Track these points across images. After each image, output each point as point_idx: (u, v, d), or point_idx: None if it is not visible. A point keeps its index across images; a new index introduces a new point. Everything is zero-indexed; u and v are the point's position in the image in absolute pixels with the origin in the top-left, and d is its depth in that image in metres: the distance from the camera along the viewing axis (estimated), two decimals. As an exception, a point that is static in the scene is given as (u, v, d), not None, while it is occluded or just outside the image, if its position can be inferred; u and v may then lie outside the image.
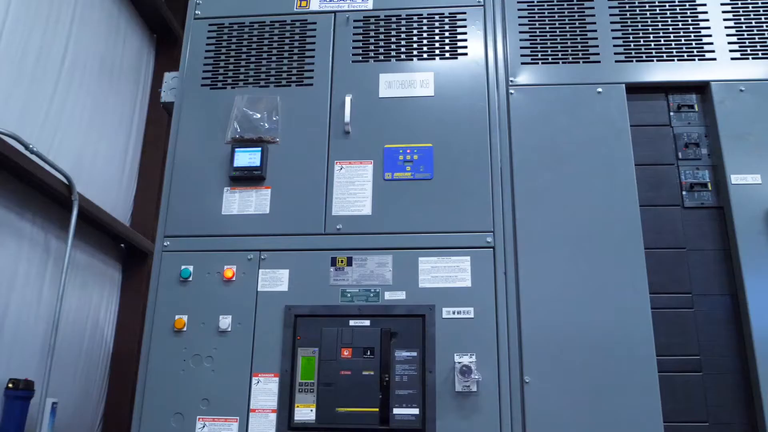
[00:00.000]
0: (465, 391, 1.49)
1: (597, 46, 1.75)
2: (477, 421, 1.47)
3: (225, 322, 1.58)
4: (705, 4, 1.79)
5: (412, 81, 1.75)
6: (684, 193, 1.66)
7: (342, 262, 1.62)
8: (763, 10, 1.79)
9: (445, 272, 1.58)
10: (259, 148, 1.71)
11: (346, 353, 1.54)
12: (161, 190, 1.84)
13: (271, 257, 1.62)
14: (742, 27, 1.77)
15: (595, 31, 1.77)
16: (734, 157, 1.64)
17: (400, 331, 1.55)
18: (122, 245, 4.11)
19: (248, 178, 1.69)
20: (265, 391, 1.53)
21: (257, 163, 1.69)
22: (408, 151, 1.68)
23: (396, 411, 1.49)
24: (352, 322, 1.56)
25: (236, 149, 1.72)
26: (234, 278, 1.61)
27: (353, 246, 1.62)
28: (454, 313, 1.55)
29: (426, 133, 1.69)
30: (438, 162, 1.66)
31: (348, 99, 1.72)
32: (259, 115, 1.74)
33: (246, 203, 1.68)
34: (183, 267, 1.63)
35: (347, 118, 1.70)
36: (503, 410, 1.48)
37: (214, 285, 1.61)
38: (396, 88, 1.75)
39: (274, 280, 1.61)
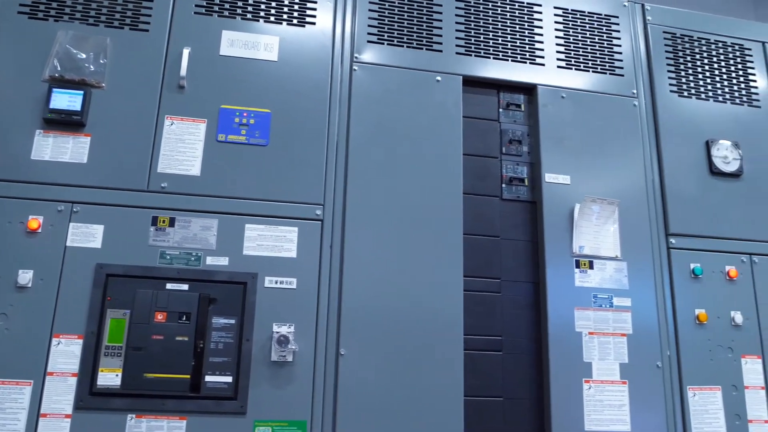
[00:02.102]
0: (281, 360, 1.78)
1: (441, 36, 2.15)
2: (290, 391, 1.77)
3: (25, 276, 1.71)
4: (541, 12, 2.28)
5: (257, 43, 2.01)
6: (503, 185, 2.12)
7: (164, 222, 1.84)
8: (589, 29, 2.32)
9: (271, 241, 1.87)
10: (82, 92, 1.86)
11: (160, 317, 1.75)
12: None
13: (84, 210, 1.79)
14: (569, 39, 2.28)
15: (441, 21, 2.17)
16: (550, 157, 2.14)
17: (219, 297, 1.80)
18: None
19: (66, 122, 1.83)
20: (66, 353, 1.68)
21: (77, 107, 1.84)
22: (245, 114, 1.94)
23: (208, 378, 1.74)
24: (169, 286, 1.78)
25: (54, 89, 1.85)
26: (40, 230, 1.75)
27: (177, 206, 1.84)
28: (276, 282, 1.84)
29: (265, 99, 1.97)
30: (275, 129, 1.95)
31: (186, 52, 1.94)
32: (84, 56, 1.89)
33: (60, 150, 1.82)
34: (-22, 213, 1.73)
35: (183, 72, 1.92)
36: (317, 381, 1.80)
37: (16, 236, 1.74)
38: (238, 48, 2.00)
39: (87, 235, 1.78)
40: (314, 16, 2.07)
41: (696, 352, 2.07)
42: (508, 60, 2.18)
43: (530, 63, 2.20)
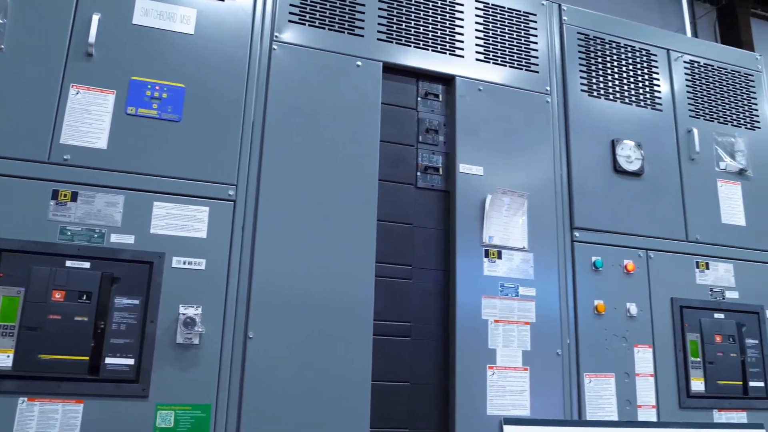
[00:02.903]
0: (186, 343, 1.82)
1: (363, 21, 2.24)
2: (195, 374, 1.81)
3: None
4: (462, 5, 2.41)
5: (173, 14, 2.03)
6: (418, 174, 2.24)
7: (65, 196, 1.83)
8: (508, 24, 2.47)
9: (180, 220, 1.89)
10: (-24, 53, 1.81)
11: (58, 296, 1.74)
12: None
13: (-23, 180, 1.76)
14: (489, 33, 2.43)
15: (364, 5, 2.25)
16: (465, 148, 2.27)
17: (123, 277, 1.81)
18: None
19: (-42, 84, 1.78)
20: (-49, 331, 1.66)
21: (-28, 69, 1.80)
22: (157, 87, 1.96)
23: (109, 360, 1.75)
24: (69, 263, 1.77)
25: (-55, 48, 1.80)
26: (-74, 198, 1.71)
27: (81, 180, 1.82)
28: (185, 263, 1.88)
29: (179, 73, 1.98)
30: (188, 105, 1.97)
31: (96, 18, 1.92)
32: (-20, 15, 1.85)
33: (-49, 114, 1.78)
34: None
35: (92, 38, 1.90)
36: (223, 364, 1.85)
37: None
38: (153, 18, 2.01)
39: (-22, 207, 1.75)
40: (234, -9, 2.10)
41: (593, 341, 2.28)
42: (428, 50, 2.30)
43: (450, 54, 2.32)
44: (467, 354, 2.08)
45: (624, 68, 2.62)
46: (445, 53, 2.31)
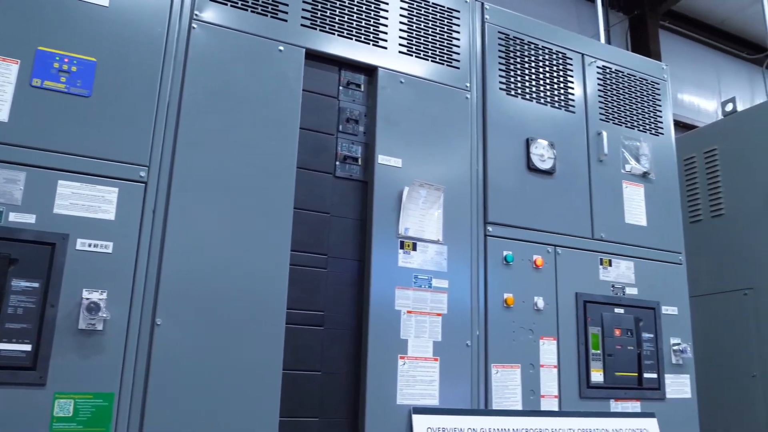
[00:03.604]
0: (90, 329, 1.75)
1: (287, 5, 2.20)
2: (98, 361, 1.74)
3: None
4: (388, -4, 2.42)
5: (85, -16, 1.93)
6: (337, 163, 2.24)
7: (-41, 170, 1.72)
8: (432, 19, 2.50)
9: (87, 201, 1.81)
10: None
11: (-53, 276, 1.65)
12: None
13: None
14: (412, 27, 2.44)
15: (288, -11, 2.22)
16: (384, 139, 2.28)
17: (22, 258, 1.71)
18: None
19: None
20: None
21: None
22: (66, 60, 1.86)
23: (3, 346, 1.65)
24: (-39, 242, 1.68)
25: None
26: None
27: (-23, 154, 1.73)
28: (90, 245, 1.80)
29: (91, 46, 1.89)
30: (100, 81, 1.88)
31: (-1, -18, 1.81)
32: None
33: None
34: None
35: (-6, 4, 1.79)
36: (128, 351, 1.79)
37: None
38: (63, -13, 1.91)
39: None
40: (152, -36, 2.02)
41: (502, 333, 2.35)
42: (352, 39, 2.29)
43: (374, 45, 2.33)
44: (379, 344, 2.10)
45: (541, 69, 2.71)
46: (369, 44, 2.31)
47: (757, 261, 3.25)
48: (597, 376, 2.49)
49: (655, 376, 2.61)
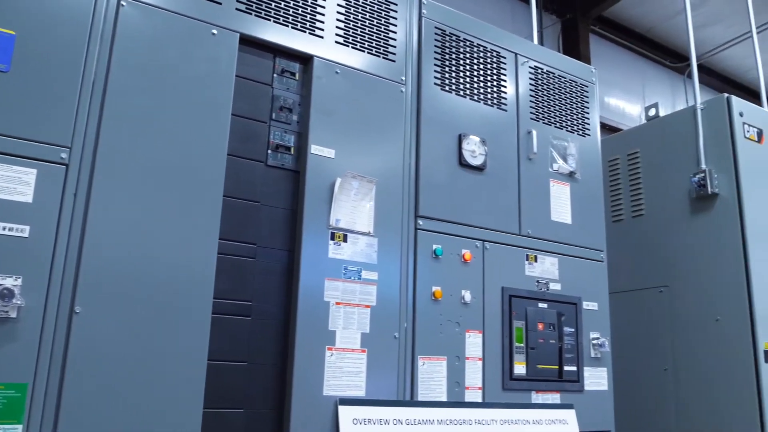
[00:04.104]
0: (2, 316, 1.66)
1: (222, -12, 2.16)
2: (11, 350, 1.66)
3: None
4: (325, -15, 2.40)
5: (5, -47, 1.83)
6: (269, 152, 2.21)
7: None
8: (370, 10, 2.50)
9: (2, 182, 1.72)
10: None
11: None
12: None
13: None
14: (350, 17, 2.43)
15: (223, -29, 2.17)
16: (318, 129, 2.27)
17: (-71, 240, 1.63)
18: None
19: None
20: None
21: None
22: (-18, 32, 1.76)
23: None
24: None
25: None
26: None
27: None
28: (4, 229, 1.70)
29: (10, 18, 1.77)
30: (19, 55, 1.78)
31: None
32: None
33: None
34: None
35: None
36: (44, 340, 1.71)
37: None
38: (-19, -46, 1.80)
39: None
40: (79, -63, 1.94)
41: (429, 326, 2.38)
42: (288, 26, 2.26)
43: (310, 33, 2.30)
44: (307, 335, 2.09)
45: (475, 67, 2.75)
46: (305, 32, 2.29)
47: (672, 260, 3.41)
48: (520, 368, 2.56)
49: (574, 368, 2.71)
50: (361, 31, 2.43)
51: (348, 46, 2.39)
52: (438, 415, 2.25)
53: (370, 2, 2.49)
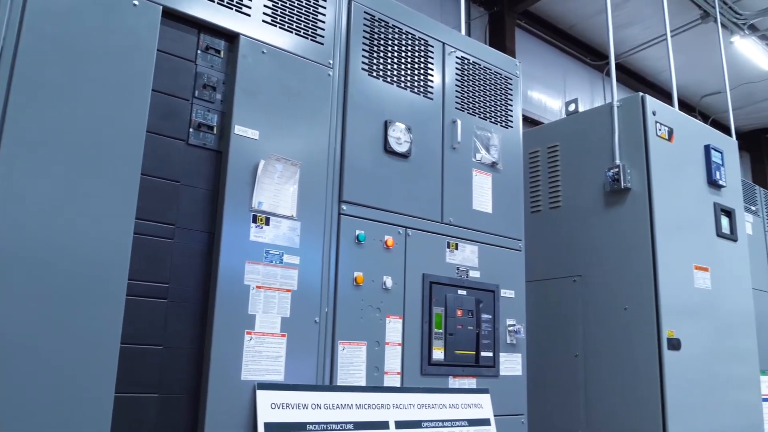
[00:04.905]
0: None
1: (144, -42, 2.08)
2: None
3: None
4: (255, -39, 2.35)
5: None
6: (191, 130, 2.15)
7: None
8: (298, -11, 2.47)
9: None
10: None
11: None
12: None
13: None
14: (278, -4, 2.41)
15: (147, -59, 2.09)
16: (242, 109, 2.23)
17: None
18: None
19: None
20: None
21: None
22: None
23: None
24: None
25: None
26: None
27: None
28: None
29: None
30: None
31: None
32: None
33: None
34: None
35: None
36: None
37: None
38: None
39: None
40: None
41: (350, 311, 2.39)
42: (214, 2, 2.20)
43: (236, 11, 2.25)
44: (226, 319, 2.07)
45: (403, 54, 2.76)
46: (232, 9, 2.24)
47: (586, 251, 3.55)
48: (438, 354, 2.62)
49: (491, 354, 2.79)
50: (289, 12, 2.40)
51: (276, 26, 2.35)
52: (357, 400, 2.28)
53: (299, -17, 2.45)
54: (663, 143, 3.48)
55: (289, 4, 2.41)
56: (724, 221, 3.77)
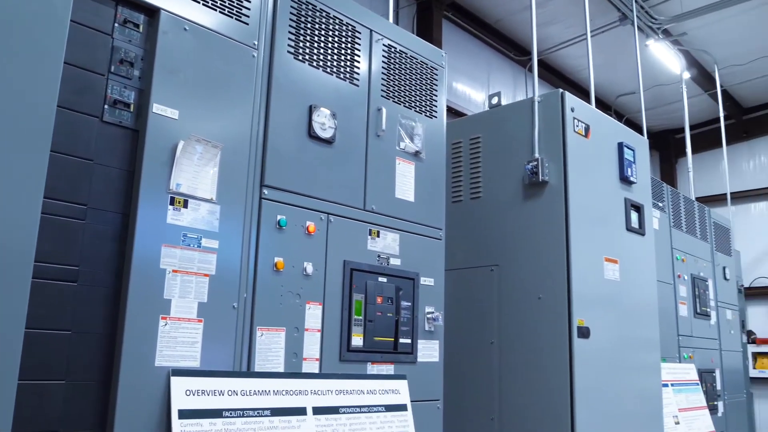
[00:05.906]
0: None
1: None
2: None
3: None
4: (177, -66, 2.27)
5: None
6: (106, 107, 2.07)
7: None
8: (224, -34, 2.41)
9: None
10: None
11: None
12: None
13: None
14: (202, -28, 2.34)
15: None
16: (161, 87, 2.16)
17: None
18: None
19: None
20: None
21: None
22: None
23: None
24: None
25: None
26: None
27: None
28: None
29: None
30: None
31: None
32: None
33: None
34: None
35: None
36: None
37: None
38: None
39: None
40: None
41: (269, 297, 2.37)
42: (133, -27, 2.12)
43: (157, -16, 2.18)
44: (140, 303, 2.01)
45: (330, 39, 2.74)
46: (152, -18, 2.16)
47: (503, 241, 3.65)
48: (357, 340, 2.63)
49: (409, 341, 2.83)
50: (213, -11, 2.34)
51: (199, 2, 2.29)
52: (274, 386, 2.26)
53: (225, -40, 2.39)
54: (580, 139, 3.61)
55: (213, -18, 2.35)
56: (634, 216, 3.95)
